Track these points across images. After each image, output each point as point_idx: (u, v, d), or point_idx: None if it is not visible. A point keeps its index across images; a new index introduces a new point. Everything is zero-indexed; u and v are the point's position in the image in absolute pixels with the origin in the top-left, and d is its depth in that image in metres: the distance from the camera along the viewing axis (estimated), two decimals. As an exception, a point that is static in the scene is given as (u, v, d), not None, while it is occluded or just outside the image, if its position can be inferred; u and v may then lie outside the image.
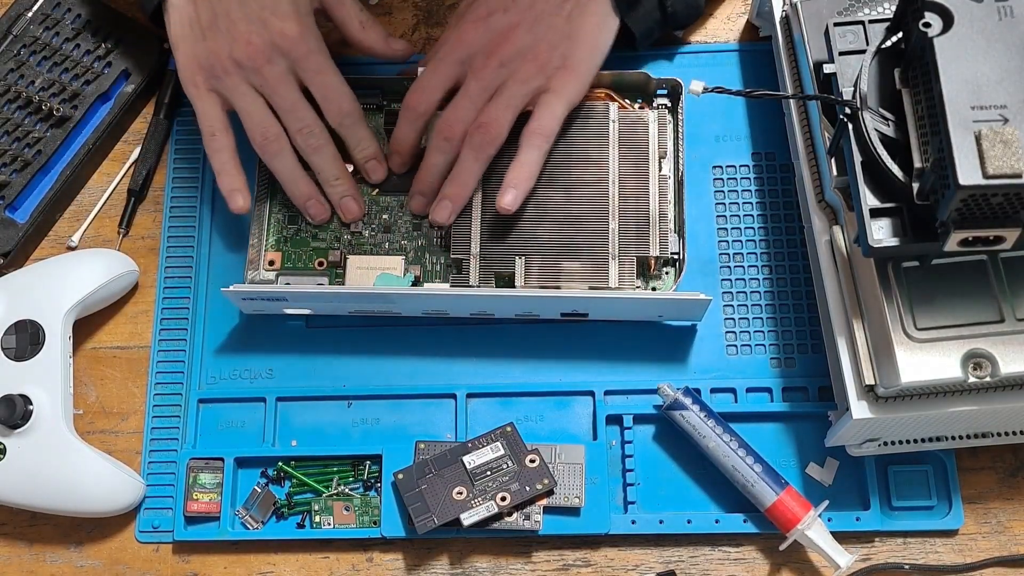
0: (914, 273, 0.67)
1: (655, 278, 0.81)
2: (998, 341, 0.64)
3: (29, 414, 0.76)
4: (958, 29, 0.61)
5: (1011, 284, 0.66)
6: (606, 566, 0.77)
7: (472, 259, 0.79)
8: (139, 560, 0.79)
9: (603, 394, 0.80)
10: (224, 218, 0.85)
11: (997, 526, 0.77)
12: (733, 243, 0.83)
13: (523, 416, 0.80)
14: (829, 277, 0.72)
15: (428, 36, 0.90)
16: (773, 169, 0.85)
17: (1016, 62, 0.60)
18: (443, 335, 0.82)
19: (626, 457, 0.78)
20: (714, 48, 0.88)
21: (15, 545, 0.80)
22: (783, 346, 0.80)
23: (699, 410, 0.76)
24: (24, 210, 0.85)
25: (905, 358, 0.64)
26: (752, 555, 0.77)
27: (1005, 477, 0.78)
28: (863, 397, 0.68)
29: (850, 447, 0.75)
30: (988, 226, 0.60)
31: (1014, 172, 0.57)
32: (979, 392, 0.67)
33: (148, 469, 0.80)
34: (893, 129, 0.65)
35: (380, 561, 0.78)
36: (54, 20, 0.88)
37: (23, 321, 0.78)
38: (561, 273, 0.79)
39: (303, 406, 0.81)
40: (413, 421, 0.81)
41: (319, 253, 0.83)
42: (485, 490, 0.75)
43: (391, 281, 0.80)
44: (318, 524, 0.78)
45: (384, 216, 0.83)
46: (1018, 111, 0.59)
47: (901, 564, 0.76)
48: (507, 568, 0.77)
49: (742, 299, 0.82)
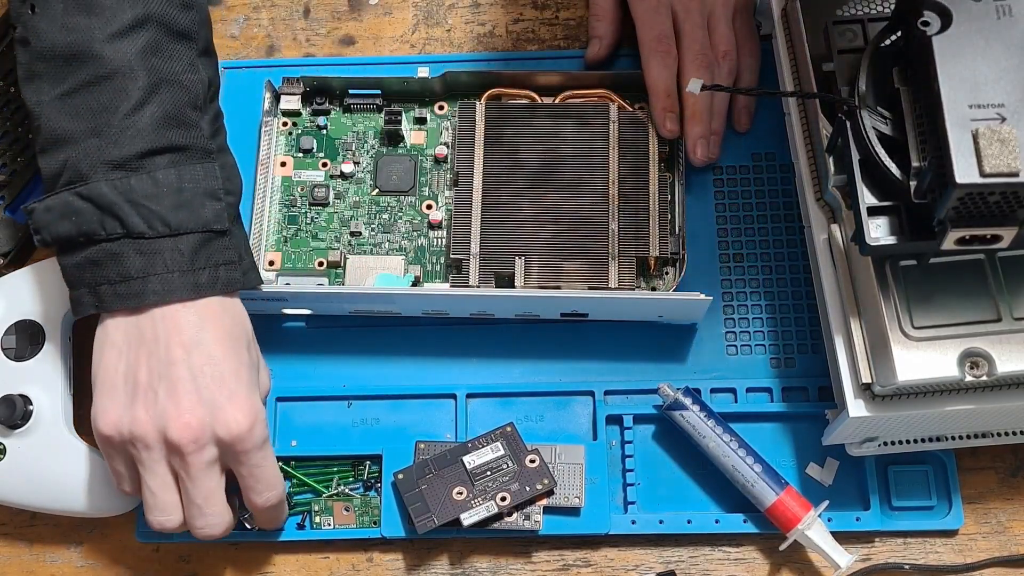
0: (911, 272, 0.67)
1: (655, 278, 0.81)
2: (995, 340, 0.64)
3: (29, 414, 0.76)
4: (956, 28, 0.61)
5: (1008, 283, 0.66)
6: (606, 566, 0.77)
7: (472, 259, 0.79)
8: (139, 560, 0.79)
9: (603, 394, 0.80)
10: (224, 218, 0.85)
11: (997, 526, 0.77)
12: (733, 243, 0.83)
13: (523, 416, 0.80)
14: (827, 275, 0.72)
15: (428, 36, 0.91)
16: (773, 169, 0.84)
17: (1014, 61, 0.60)
18: (443, 335, 0.82)
19: (626, 457, 0.78)
20: (714, 48, 0.88)
21: (15, 545, 0.80)
22: (783, 346, 0.80)
23: (699, 410, 0.76)
24: (24, 210, 0.85)
25: (902, 357, 0.64)
26: (752, 555, 0.77)
27: (1005, 477, 0.78)
28: (860, 395, 0.68)
29: (850, 447, 0.75)
30: (985, 225, 0.60)
31: (1011, 171, 0.57)
32: (976, 391, 0.67)
33: (148, 469, 0.80)
34: (891, 127, 0.65)
35: (380, 561, 0.78)
36: (55, 21, 0.88)
37: (23, 321, 0.78)
38: (561, 273, 0.79)
39: (303, 406, 0.81)
40: (413, 421, 0.81)
41: (319, 253, 0.83)
42: (485, 490, 0.75)
43: (391, 281, 0.80)
44: (318, 524, 0.78)
45: (384, 216, 0.83)
46: (1016, 110, 0.59)
47: (901, 564, 0.76)
48: (507, 568, 0.77)
49: (742, 299, 0.82)
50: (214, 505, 0.69)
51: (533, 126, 0.82)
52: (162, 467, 0.68)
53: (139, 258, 0.67)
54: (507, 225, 0.80)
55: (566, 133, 0.81)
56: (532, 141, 0.82)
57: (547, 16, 0.91)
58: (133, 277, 0.68)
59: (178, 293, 0.68)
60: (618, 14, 0.87)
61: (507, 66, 0.88)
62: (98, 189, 0.67)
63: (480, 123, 0.82)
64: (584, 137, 0.81)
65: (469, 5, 0.92)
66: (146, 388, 0.67)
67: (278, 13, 0.93)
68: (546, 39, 0.91)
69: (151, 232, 0.67)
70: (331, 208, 0.84)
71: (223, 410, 0.67)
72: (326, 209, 0.84)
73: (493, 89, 0.85)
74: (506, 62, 0.89)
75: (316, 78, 0.86)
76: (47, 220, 0.69)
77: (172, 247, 0.68)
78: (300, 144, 0.85)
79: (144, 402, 0.67)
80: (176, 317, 0.68)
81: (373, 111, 0.86)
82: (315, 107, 0.86)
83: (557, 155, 0.81)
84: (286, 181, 0.85)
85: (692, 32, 0.83)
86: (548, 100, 0.84)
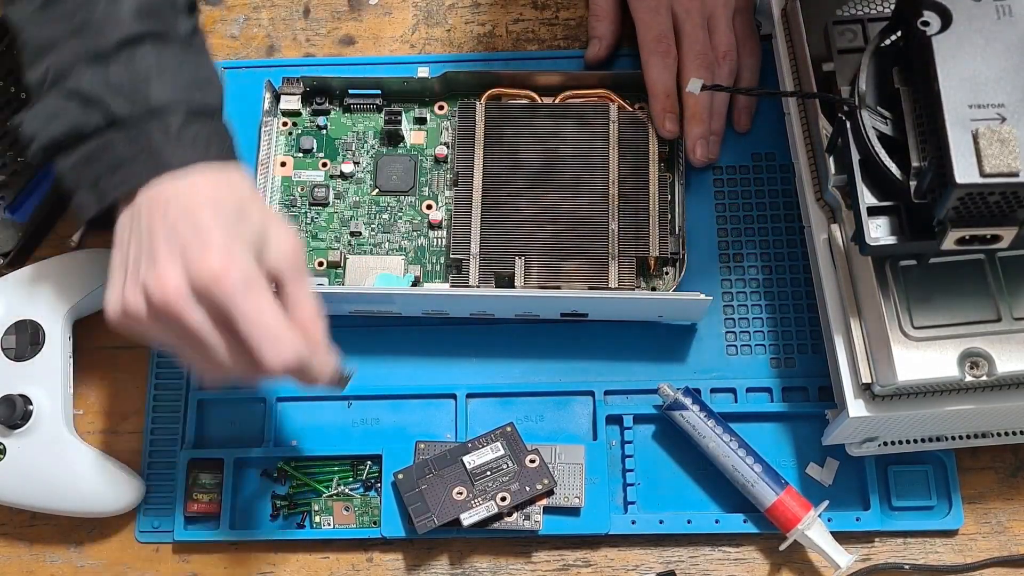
0: (911, 272, 0.67)
1: (655, 278, 0.81)
2: (995, 340, 0.64)
3: (29, 414, 0.76)
4: (956, 28, 0.61)
5: (1008, 283, 0.66)
6: (606, 566, 0.77)
7: (472, 259, 0.79)
8: (139, 560, 0.79)
9: (603, 394, 0.80)
10: (224, 218, 0.85)
11: (997, 526, 0.77)
12: (733, 243, 0.83)
13: (523, 416, 0.80)
14: (827, 276, 0.72)
15: (428, 36, 0.91)
16: (773, 169, 0.84)
17: (1014, 61, 0.60)
18: (443, 335, 0.82)
19: (626, 457, 0.78)
20: (714, 48, 0.88)
21: (15, 545, 0.80)
22: (783, 346, 0.80)
23: (699, 410, 0.76)
24: (24, 210, 0.85)
25: (902, 356, 0.64)
26: (752, 555, 0.77)
27: (1005, 477, 0.78)
28: (860, 395, 0.68)
29: (850, 447, 0.75)
30: (985, 225, 0.60)
31: (1011, 171, 0.57)
32: (976, 391, 0.67)
33: (148, 469, 0.80)
34: (891, 127, 0.65)
35: (380, 561, 0.78)
36: (55, 21, 0.88)
37: (23, 321, 0.78)
38: (561, 273, 0.79)
39: (303, 406, 0.81)
40: (413, 421, 0.81)
41: (319, 253, 0.83)
42: (485, 490, 0.75)
43: (391, 281, 0.80)
44: (318, 524, 0.78)
45: (384, 216, 0.83)
46: (1016, 110, 0.59)
47: (901, 564, 0.76)
48: (507, 568, 0.77)
49: (742, 299, 0.82)
50: (234, 353, 0.64)
51: (533, 126, 0.82)
52: (168, 335, 0.65)
53: (127, 144, 0.66)
54: (507, 225, 0.80)
55: (566, 133, 0.81)
56: (532, 141, 0.82)
57: (547, 16, 0.91)
58: (124, 162, 0.66)
59: (167, 167, 0.65)
60: (618, 14, 0.87)
61: (507, 66, 0.88)
62: (78, 83, 0.66)
63: (480, 123, 0.82)
64: (584, 137, 0.81)
65: (469, 5, 0.92)
66: (133, 265, 0.65)
67: (278, 13, 0.93)
68: (546, 39, 0.91)
69: (135, 117, 0.66)
70: (331, 208, 0.84)
71: (195, 258, 0.62)
72: (326, 209, 0.84)
73: (493, 89, 0.84)
74: (506, 62, 0.89)
75: (316, 78, 0.86)
76: (35, 127, 0.68)
77: (158, 127, 0.66)
78: (300, 144, 0.85)
79: (132, 278, 0.64)
80: (163, 192, 0.65)
81: (373, 111, 0.86)
82: (315, 107, 0.86)
83: (557, 155, 0.81)
84: (286, 181, 0.85)
85: (692, 33, 0.83)
86: (548, 100, 0.84)
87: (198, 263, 0.62)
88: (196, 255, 0.62)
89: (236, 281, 0.62)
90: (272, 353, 0.63)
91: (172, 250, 0.63)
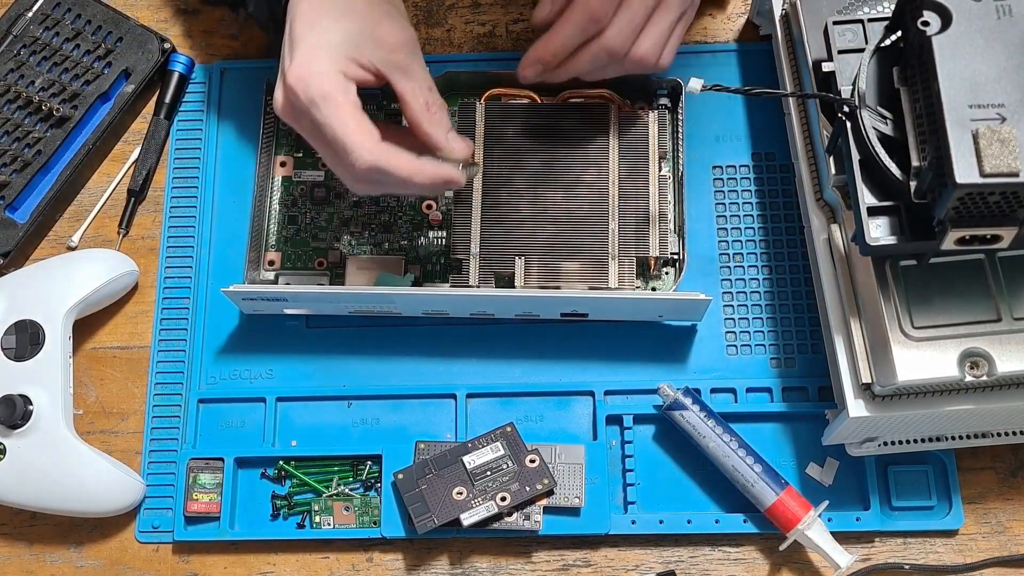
0: (911, 272, 0.67)
1: (655, 278, 0.81)
2: (995, 340, 0.64)
3: (29, 414, 0.76)
4: (956, 28, 0.61)
5: (1008, 283, 0.66)
6: (606, 566, 0.77)
7: (472, 259, 0.79)
8: (139, 560, 0.79)
9: (603, 394, 0.80)
10: (224, 218, 0.85)
11: (997, 526, 0.77)
12: (733, 243, 0.83)
13: (523, 416, 0.80)
14: (827, 276, 0.72)
15: (428, 36, 0.90)
16: (773, 169, 0.84)
17: (1014, 61, 0.60)
18: (443, 335, 0.82)
19: (626, 457, 0.78)
20: (714, 48, 0.88)
21: (15, 545, 0.80)
22: (783, 346, 0.80)
23: (699, 410, 0.76)
24: (24, 210, 0.85)
25: (902, 357, 0.64)
26: (752, 555, 0.77)
27: (1005, 477, 0.78)
28: (860, 395, 0.68)
29: (850, 447, 0.75)
30: (985, 225, 0.60)
31: (1011, 171, 0.57)
32: (975, 391, 0.67)
33: (148, 469, 0.80)
34: (891, 127, 0.65)
35: (380, 561, 0.78)
36: (54, 20, 0.88)
37: (23, 321, 0.79)
38: (561, 273, 0.79)
39: (303, 406, 0.81)
40: (413, 421, 0.81)
41: (319, 253, 0.83)
42: (485, 490, 0.75)
43: (391, 281, 0.80)
44: (318, 524, 0.78)
45: (384, 216, 0.83)
46: (1016, 110, 0.59)
47: (901, 564, 0.76)
48: (507, 568, 0.77)
49: (742, 299, 0.82)
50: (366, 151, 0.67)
51: (533, 126, 0.82)
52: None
53: None
54: (507, 225, 0.80)
55: (566, 133, 0.81)
56: (532, 141, 0.82)
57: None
58: None
59: None
60: None
61: (507, 66, 0.88)
62: None
63: (480, 123, 0.82)
64: (584, 137, 0.81)
65: (469, 5, 0.92)
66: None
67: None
68: (546, 39, 0.90)
69: None
70: (331, 208, 0.84)
71: (285, 70, 0.68)
72: (326, 209, 0.84)
73: (493, 89, 0.84)
74: (506, 62, 0.89)
75: (316, 78, 0.85)
76: None
77: None
78: (300, 144, 0.85)
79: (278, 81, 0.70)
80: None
81: (374, 111, 0.86)
82: (315, 107, 0.86)
83: (557, 155, 0.81)
84: (286, 181, 0.85)
85: None
86: (548, 100, 0.84)
87: (288, 76, 0.67)
88: (285, 68, 0.68)
89: (312, 95, 0.66)
90: (347, 161, 0.67)
91: (283, 57, 0.69)
